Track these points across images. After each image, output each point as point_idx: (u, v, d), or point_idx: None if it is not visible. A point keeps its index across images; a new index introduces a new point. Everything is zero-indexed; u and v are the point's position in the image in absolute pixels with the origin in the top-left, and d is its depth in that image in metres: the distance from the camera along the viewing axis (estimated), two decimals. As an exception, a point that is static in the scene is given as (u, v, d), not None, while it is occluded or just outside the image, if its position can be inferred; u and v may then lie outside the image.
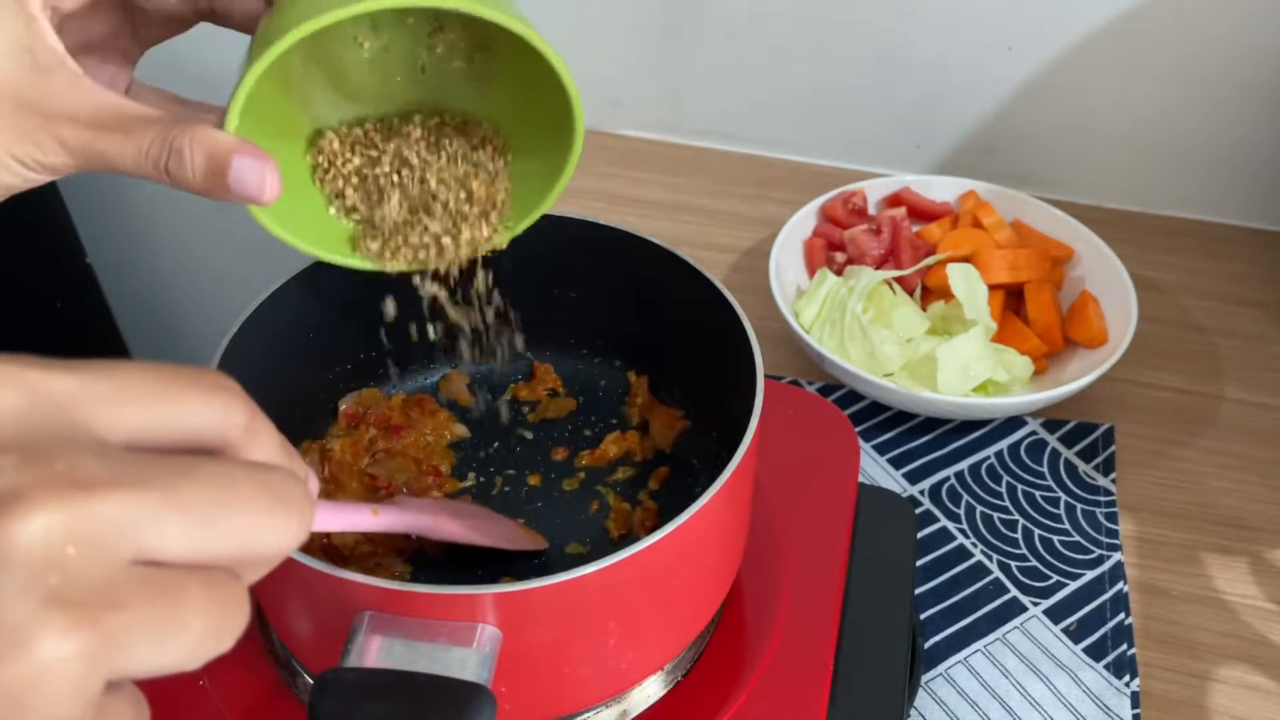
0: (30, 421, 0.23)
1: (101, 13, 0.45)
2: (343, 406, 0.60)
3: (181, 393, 0.25)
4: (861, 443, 0.71)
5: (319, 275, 0.55)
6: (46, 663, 0.21)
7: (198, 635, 0.23)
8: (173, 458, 0.24)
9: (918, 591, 0.66)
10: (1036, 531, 0.70)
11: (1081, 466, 0.74)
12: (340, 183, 0.50)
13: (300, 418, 0.58)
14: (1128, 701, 0.61)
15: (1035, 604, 0.66)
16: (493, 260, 0.51)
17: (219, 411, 0.26)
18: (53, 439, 0.23)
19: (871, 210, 0.90)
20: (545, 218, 0.51)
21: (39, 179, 0.41)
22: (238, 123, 0.42)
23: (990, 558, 0.68)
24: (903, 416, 0.77)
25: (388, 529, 0.47)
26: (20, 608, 0.21)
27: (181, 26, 0.48)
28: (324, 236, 0.50)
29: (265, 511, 0.25)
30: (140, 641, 0.22)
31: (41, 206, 1.19)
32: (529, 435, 0.61)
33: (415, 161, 0.51)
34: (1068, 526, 0.70)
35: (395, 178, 0.50)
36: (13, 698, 0.21)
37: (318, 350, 0.58)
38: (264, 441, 0.27)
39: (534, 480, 0.59)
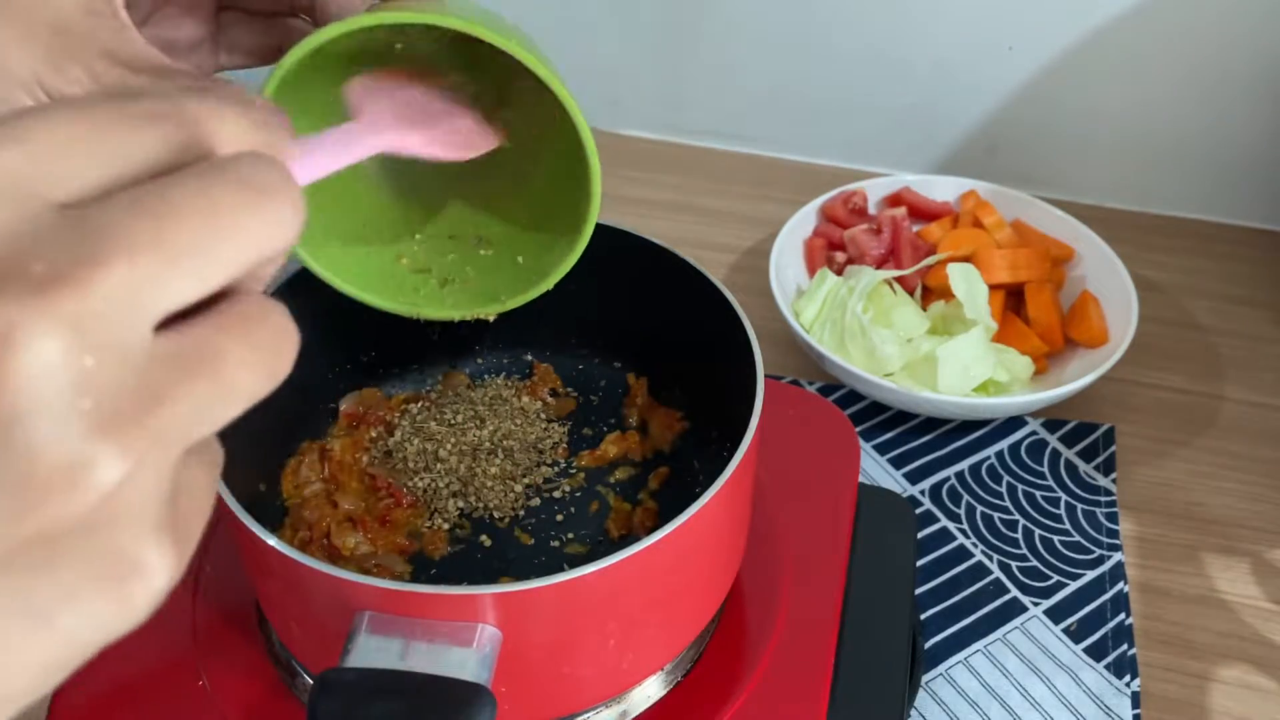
0: None
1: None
2: (343, 406, 0.60)
3: (116, 130, 0.22)
4: (861, 443, 0.71)
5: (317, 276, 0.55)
6: (114, 494, 0.20)
7: (250, 388, 0.22)
8: (139, 195, 0.21)
9: (918, 591, 0.66)
10: (1037, 531, 0.70)
11: (1082, 466, 0.74)
12: None
13: (300, 417, 0.58)
14: (1128, 702, 0.61)
15: (1036, 604, 0.66)
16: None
17: (158, 142, 0.22)
18: (17, 234, 0.19)
19: (871, 210, 0.90)
20: None
21: None
22: (275, 89, 0.42)
23: (990, 558, 0.68)
24: (903, 416, 0.77)
25: (372, 151, 0.42)
26: (65, 449, 0.19)
27: (267, 34, 0.48)
28: (363, 275, 0.51)
29: (255, 210, 0.22)
30: (195, 422, 0.21)
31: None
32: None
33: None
34: (1068, 526, 0.70)
35: None
36: (94, 530, 0.20)
37: (317, 350, 0.58)
38: (224, 131, 0.23)
39: (534, 479, 0.59)
